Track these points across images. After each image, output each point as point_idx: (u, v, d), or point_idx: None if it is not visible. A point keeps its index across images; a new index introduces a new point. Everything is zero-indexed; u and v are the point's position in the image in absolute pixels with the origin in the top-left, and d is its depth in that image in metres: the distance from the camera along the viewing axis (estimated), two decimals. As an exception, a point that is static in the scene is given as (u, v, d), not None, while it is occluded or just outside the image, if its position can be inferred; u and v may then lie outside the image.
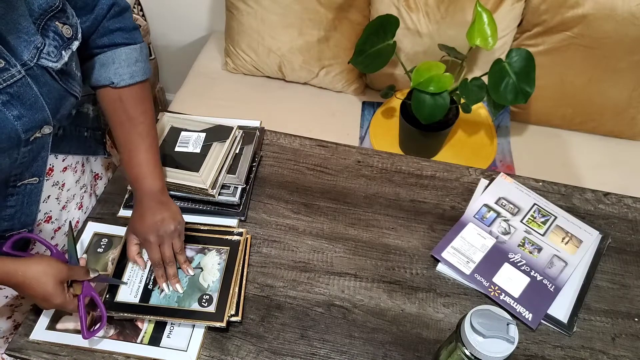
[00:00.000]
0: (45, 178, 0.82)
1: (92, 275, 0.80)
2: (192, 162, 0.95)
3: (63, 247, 0.94)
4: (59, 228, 0.91)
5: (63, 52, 0.71)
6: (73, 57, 0.75)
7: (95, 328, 0.80)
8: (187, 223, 0.95)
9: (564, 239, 0.97)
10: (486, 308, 0.68)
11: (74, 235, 0.87)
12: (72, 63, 0.75)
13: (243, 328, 0.85)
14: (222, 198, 0.96)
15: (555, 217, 0.99)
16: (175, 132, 1.01)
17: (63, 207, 0.90)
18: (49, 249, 0.81)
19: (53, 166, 0.85)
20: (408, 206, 1.02)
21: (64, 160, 0.88)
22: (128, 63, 0.84)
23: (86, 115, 0.93)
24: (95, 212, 0.99)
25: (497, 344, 0.66)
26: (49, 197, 0.86)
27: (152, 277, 0.88)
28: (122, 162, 0.88)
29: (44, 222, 0.87)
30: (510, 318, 0.68)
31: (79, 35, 0.75)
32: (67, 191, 0.90)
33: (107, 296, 0.85)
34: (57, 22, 0.70)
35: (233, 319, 0.84)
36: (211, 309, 0.84)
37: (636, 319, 0.88)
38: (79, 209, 0.95)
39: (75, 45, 0.74)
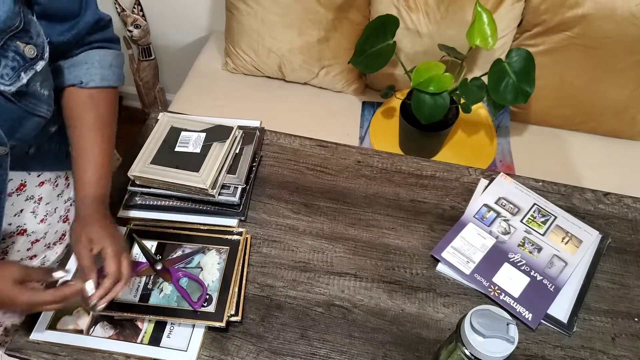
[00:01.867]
0: (17, 193, 0.81)
1: (56, 276, 0.73)
2: (192, 162, 0.95)
3: (44, 259, 0.93)
4: (38, 240, 0.90)
5: (22, 73, 0.66)
6: (37, 77, 0.69)
7: (200, 299, 0.84)
8: (187, 223, 0.96)
9: (564, 239, 0.97)
10: (486, 308, 0.68)
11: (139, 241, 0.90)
12: (35, 83, 0.69)
13: (243, 328, 0.85)
14: (222, 198, 0.96)
15: (555, 217, 0.99)
16: (175, 132, 1.01)
17: (42, 221, 0.88)
18: None
19: (26, 182, 0.83)
20: (408, 206, 1.02)
21: (39, 175, 0.85)
22: (101, 65, 0.81)
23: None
24: (95, 212, 0.99)
25: (497, 344, 0.66)
26: (21, 211, 0.84)
27: (151, 277, 0.88)
28: (80, 163, 0.80)
29: (17, 234, 0.86)
30: (510, 318, 0.68)
31: (46, 55, 0.70)
32: (45, 205, 0.88)
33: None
34: (18, 42, 0.65)
35: (233, 318, 0.84)
36: (210, 308, 0.84)
37: (636, 319, 0.88)
38: (64, 222, 0.93)
39: (40, 65, 0.69)
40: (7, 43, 0.64)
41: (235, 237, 0.93)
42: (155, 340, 0.83)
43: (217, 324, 0.82)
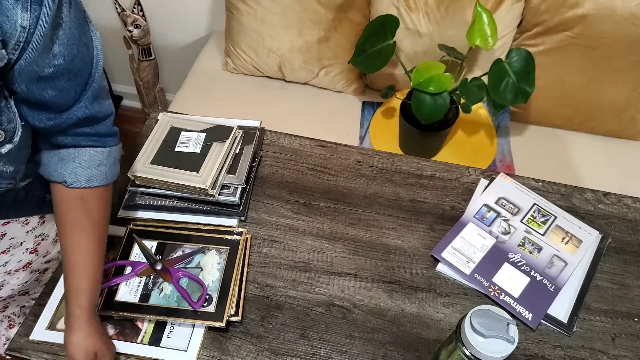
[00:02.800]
0: None
1: None
2: (192, 162, 0.95)
3: (3, 282, 0.92)
4: None
5: None
6: (0, 158, 0.66)
7: (200, 299, 0.84)
8: (187, 223, 0.96)
9: (564, 239, 0.97)
10: (486, 308, 0.68)
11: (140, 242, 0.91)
12: None
13: (243, 328, 0.85)
14: (222, 198, 0.96)
15: (555, 217, 0.99)
16: (175, 132, 1.01)
17: (3, 252, 0.86)
18: None
19: None
20: (408, 206, 1.02)
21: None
22: (89, 165, 0.75)
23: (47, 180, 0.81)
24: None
25: (497, 344, 0.66)
26: None
27: (151, 277, 0.88)
28: (73, 266, 0.76)
29: None
30: (510, 318, 0.68)
31: (15, 139, 0.66)
32: (10, 239, 0.86)
33: (107, 296, 0.85)
34: None
35: (233, 318, 0.84)
36: (211, 308, 0.84)
37: (636, 319, 0.88)
38: (31, 253, 0.91)
39: (7, 148, 0.65)
40: None
41: (235, 237, 0.93)
42: (155, 340, 0.83)
43: (217, 324, 0.82)
